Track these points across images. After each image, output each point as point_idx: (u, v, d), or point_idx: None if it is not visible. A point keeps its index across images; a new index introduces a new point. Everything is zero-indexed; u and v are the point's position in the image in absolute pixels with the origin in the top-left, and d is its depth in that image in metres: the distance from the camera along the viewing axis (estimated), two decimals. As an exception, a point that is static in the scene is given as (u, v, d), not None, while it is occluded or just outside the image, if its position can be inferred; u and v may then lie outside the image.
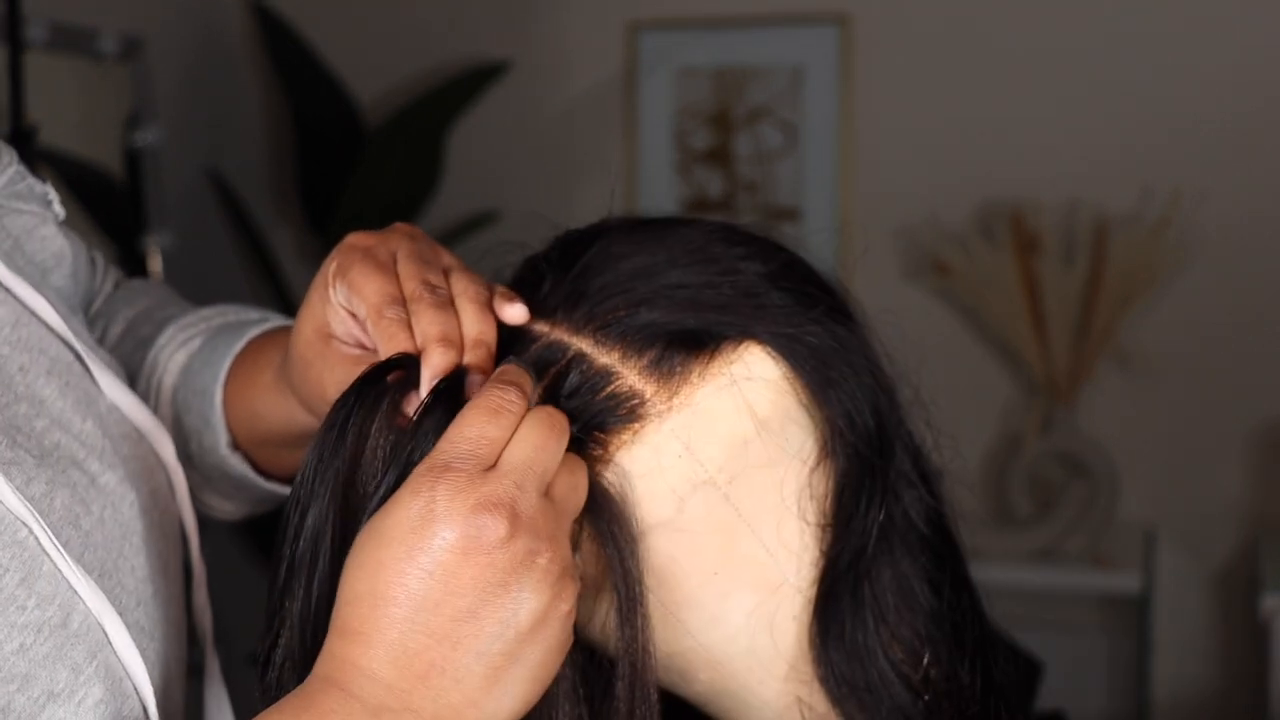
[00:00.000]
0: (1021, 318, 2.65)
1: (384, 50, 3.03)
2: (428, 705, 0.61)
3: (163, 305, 0.97)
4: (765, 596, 0.70)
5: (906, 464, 0.73)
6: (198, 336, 0.92)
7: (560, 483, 0.66)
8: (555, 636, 0.64)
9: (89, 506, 0.70)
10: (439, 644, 0.61)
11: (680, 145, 2.93)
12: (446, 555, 0.61)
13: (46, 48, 2.34)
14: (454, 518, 0.61)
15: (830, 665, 0.70)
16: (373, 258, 0.73)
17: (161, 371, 0.92)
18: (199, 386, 0.89)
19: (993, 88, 2.77)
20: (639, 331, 0.70)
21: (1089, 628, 2.76)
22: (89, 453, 0.73)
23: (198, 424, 0.89)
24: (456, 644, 0.62)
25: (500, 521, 0.62)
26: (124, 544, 0.72)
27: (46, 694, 0.64)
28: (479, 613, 0.61)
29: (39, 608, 0.64)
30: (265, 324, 0.91)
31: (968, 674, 0.73)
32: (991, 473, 2.79)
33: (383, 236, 0.75)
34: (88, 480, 0.71)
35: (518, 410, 0.65)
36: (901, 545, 0.72)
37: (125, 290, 1.00)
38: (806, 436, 0.70)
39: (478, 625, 0.61)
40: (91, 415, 0.75)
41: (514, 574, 0.62)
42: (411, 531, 0.62)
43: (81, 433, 0.73)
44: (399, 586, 0.61)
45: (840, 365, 0.70)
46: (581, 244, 0.73)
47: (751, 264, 0.72)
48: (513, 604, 0.62)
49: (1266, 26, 2.65)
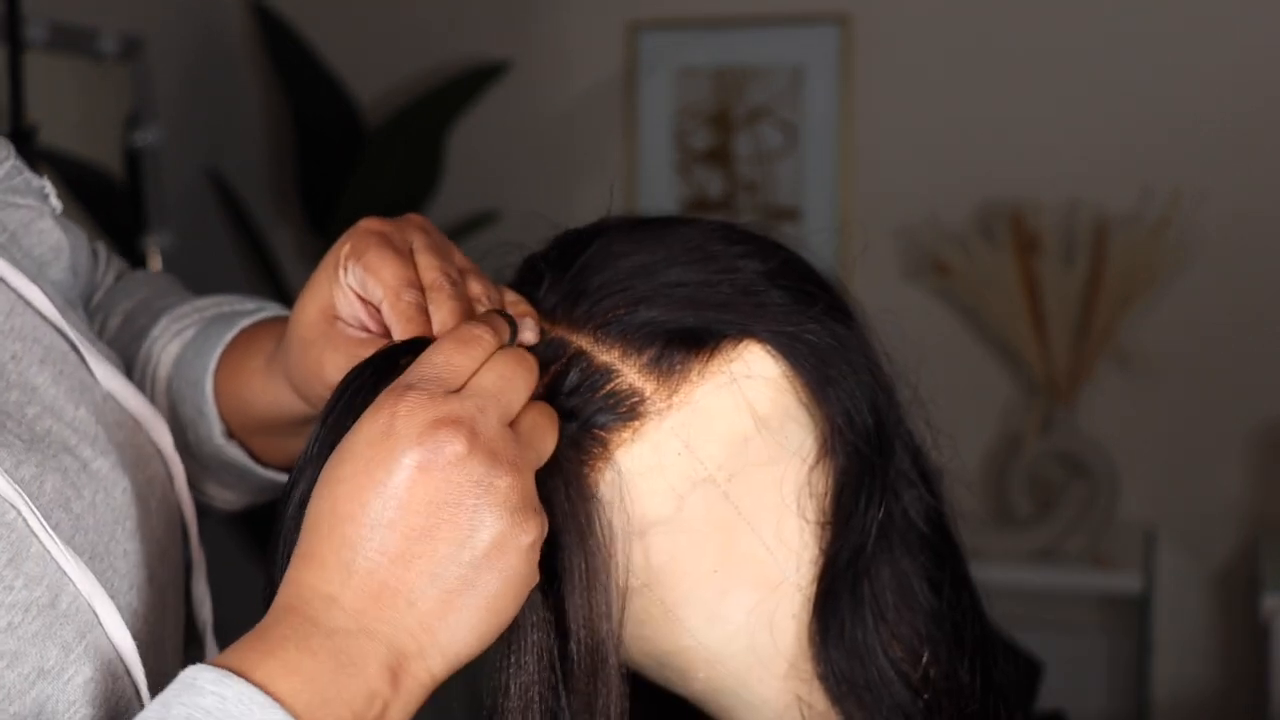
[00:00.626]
0: (1021, 318, 2.65)
1: (384, 50, 3.03)
2: (383, 628, 0.61)
3: (161, 295, 0.98)
4: (765, 594, 0.70)
5: (906, 462, 0.73)
6: (191, 327, 0.92)
7: (526, 419, 0.66)
8: (514, 569, 0.62)
9: (80, 491, 0.71)
10: (392, 563, 0.61)
11: (680, 145, 2.93)
12: (403, 472, 0.61)
13: (46, 48, 2.34)
14: (411, 434, 0.61)
15: (830, 663, 0.70)
16: (389, 243, 0.73)
17: (156, 363, 0.92)
18: (191, 377, 0.89)
19: (993, 88, 2.77)
20: (638, 329, 0.70)
21: (1089, 628, 2.76)
22: (81, 439, 0.73)
23: (192, 414, 0.89)
24: (409, 564, 0.61)
25: (458, 438, 0.61)
26: (116, 528, 0.72)
27: (36, 671, 0.64)
28: (433, 532, 0.61)
29: (26, 588, 0.65)
30: (259, 314, 0.91)
31: (967, 673, 0.73)
32: (991, 473, 2.79)
33: (398, 224, 0.75)
34: (79, 465, 0.72)
35: (488, 344, 0.66)
36: (901, 544, 0.72)
37: (126, 282, 1.00)
38: (806, 434, 0.70)
39: (431, 545, 0.61)
40: (85, 403, 0.75)
41: (470, 494, 0.61)
42: (369, 446, 0.61)
43: (74, 420, 0.74)
44: (355, 503, 0.61)
45: (839, 363, 0.70)
46: (581, 243, 0.73)
47: (751, 262, 0.72)
48: (468, 525, 0.61)
49: (1266, 26, 2.65)
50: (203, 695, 0.58)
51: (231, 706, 0.57)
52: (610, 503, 0.69)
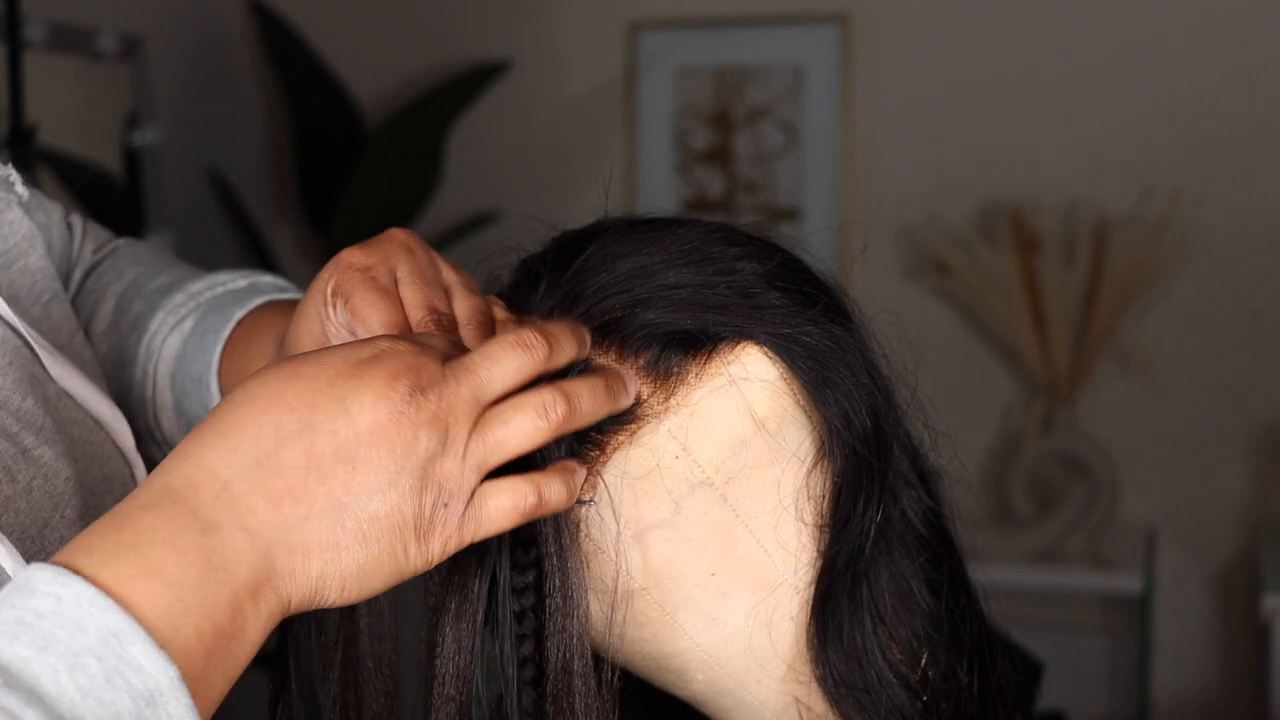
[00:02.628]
0: (1021, 318, 2.65)
1: (384, 50, 3.03)
2: (266, 532, 0.56)
3: (151, 275, 0.96)
4: (763, 597, 0.70)
5: (904, 464, 0.73)
6: (188, 318, 0.92)
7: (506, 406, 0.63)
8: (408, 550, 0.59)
9: (14, 475, 0.70)
10: (309, 471, 0.57)
11: (680, 145, 2.93)
12: (371, 393, 0.58)
13: (46, 47, 2.34)
14: (400, 366, 0.59)
15: (828, 665, 0.70)
16: (373, 281, 0.71)
17: (157, 359, 0.92)
18: (195, 374, 0.89)
19: (992, 88, 2.77)
20: (636, 332, 0.69)
21: (1089, 628, 2.76)
22: (24, 427, 0.72)
23: (198, 409, 0.89)
24: (324, 480, 0.57)
25: (440, 396, 0.59)
26: (53, 515, 0.71)
27: None
28: (361, 463, 0.58)
29: None
30: (252, 301, 0.90)
31: (966, 675, 0.73)
32: (991, 473, 2.79)
33: (381, 253, 0.73)
34: (16, 451, 0.71)
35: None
36: (899, 546, 0.72)
37: (113, 259, 0.99)
38: (804, 437, 0.70)
39: (353, 473, 0.57)
40: (34, 395, 0.74)
41: (412, 454, 0.58)
42: (345, 362, 0.59)
43: (20, 410, 0.73)
44: (303, 397, 0.58)
45: (837, 365, 0.70)
46: (578, 245, 0.73)
47: (748, 264, 0.71)
48: (391, 475, 0.58)
49: (1266, 27, 2.64)
50: (35, 596, 0.52)
51: (68, 609, 0.52)
52: (608, 506, 0.69)
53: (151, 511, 0.55)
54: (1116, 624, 2.74)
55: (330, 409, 0.58)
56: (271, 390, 0.58)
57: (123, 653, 0.51)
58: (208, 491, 0.56)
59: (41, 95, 2.26)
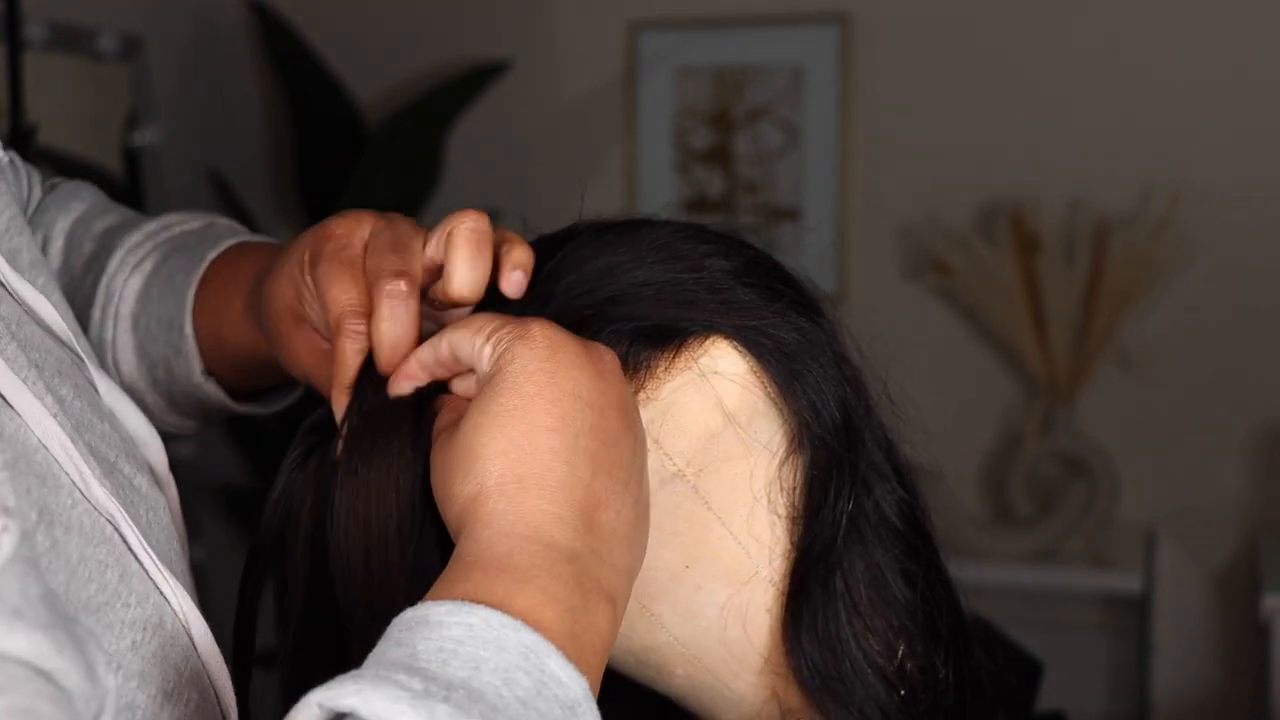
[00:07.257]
0: (1021, 318, 2.65)
1: (384, 50, 3.03)
2: (599, 546, 0.59)
3: (100, 213, 0.94)
4: (737, 589, 0.70)
5: (877, 456, 0.73)
6: (149, 258, 0.90)
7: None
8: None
9: (137, 509, 0.65)
10: (594, 474, 0.60)
11: (680, 145, 2.93)
12: (586, 376, 0.61)
13: (46, 47, 2.35)
14: (574, 344, 0.62)
15: (803, 656, 0.70)
16: (342, 252, 0.72)
17: (118, 299, 0.90)
18: (164, 316, 0.87)
19: (993, 88, 2.77)
20: (606, 328, 0.70)
21: (1089, 628, 2.76)
22: (117, 455, 0.68)
23: (166, 351, 0.88)
24: (599, 471, 0.60)
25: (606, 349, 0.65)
26: (169, 547, 0.67)
27: (162, 694, 0.59)
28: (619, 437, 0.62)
29: (139, 605, 0.60)
30: (220, 244, 0.89)
31: (944, 666, 0.73)
32: (991, 473, 2.79)
33: (356, 221, 0.74)
34: (126, 481, 0.67)
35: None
36: (874, 537, 0.72)
37: (55, 195, 0.96)
38: (775, 429, 0.70)
39: (615, 449, 0.61)
40: (101, 417, 0.69)
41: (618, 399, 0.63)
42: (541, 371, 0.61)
43: (104, 434, 0.68)
44: (553, 415, 0.60)
45: (805, 358, 0.70)
46: (551, 248, 0.74)
47: (717, 260, 0.72)
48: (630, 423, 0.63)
49: (1266, 27, 2.64)
50: (444, 627, 0.53)
51: (483, 633, 0.53)
52: None
53: (521, 553, 0.57)
54: (1116, 624, 2.74)
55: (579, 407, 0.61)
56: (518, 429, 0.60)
57: (543, 666, 0.53)
58: (550, 527, 0.58)
59: (41, 95, 2.27)
